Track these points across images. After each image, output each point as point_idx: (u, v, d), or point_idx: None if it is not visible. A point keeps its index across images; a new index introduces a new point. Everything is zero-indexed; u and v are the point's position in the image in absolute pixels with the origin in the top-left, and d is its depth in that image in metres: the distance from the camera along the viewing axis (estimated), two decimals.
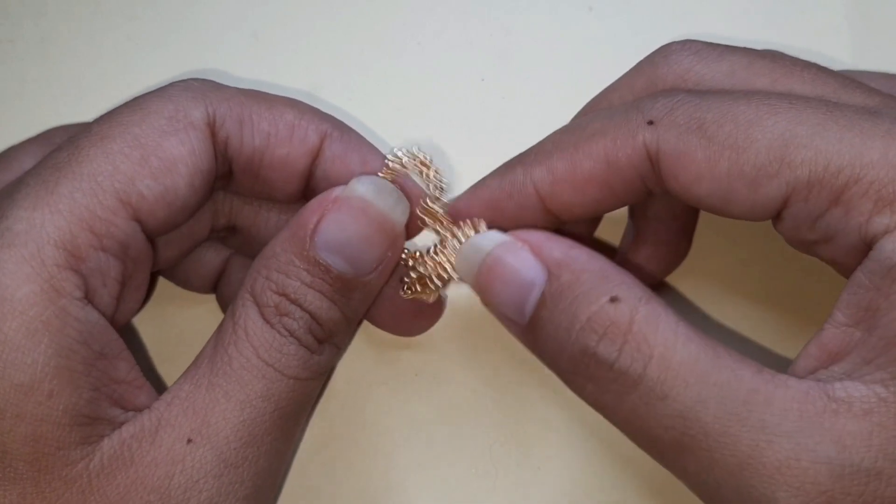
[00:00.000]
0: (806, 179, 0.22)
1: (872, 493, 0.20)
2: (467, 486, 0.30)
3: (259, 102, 0.26)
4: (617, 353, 0.22)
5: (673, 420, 0.22)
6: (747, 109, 0.23)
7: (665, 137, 0.24)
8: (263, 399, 0.24)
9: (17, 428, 0.21)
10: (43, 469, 0.22)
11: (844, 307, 0.22)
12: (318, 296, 0.25)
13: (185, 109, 0.25)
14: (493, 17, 0.35)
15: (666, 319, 0.22)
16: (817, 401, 0.21)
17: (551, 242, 0.25)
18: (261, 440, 0.24)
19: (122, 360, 0.24)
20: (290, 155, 0.26)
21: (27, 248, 0.22)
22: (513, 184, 0.26)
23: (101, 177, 0.23)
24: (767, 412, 0.21)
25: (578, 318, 0.23)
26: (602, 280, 0.23)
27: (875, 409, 0.21)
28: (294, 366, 0.25)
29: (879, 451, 0.20)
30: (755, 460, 0.21)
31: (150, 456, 0.23)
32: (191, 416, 0.23)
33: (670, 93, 0.25)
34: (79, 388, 0.22)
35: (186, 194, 0.25)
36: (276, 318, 0.25)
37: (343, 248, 0.25)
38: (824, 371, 0.22)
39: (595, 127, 0.25)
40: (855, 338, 0.22)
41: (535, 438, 0.31)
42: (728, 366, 0.22)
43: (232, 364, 0.24)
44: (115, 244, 0.23)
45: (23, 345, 0.21)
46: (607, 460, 0.30)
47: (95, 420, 0.23)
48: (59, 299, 0.22)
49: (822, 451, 0.21)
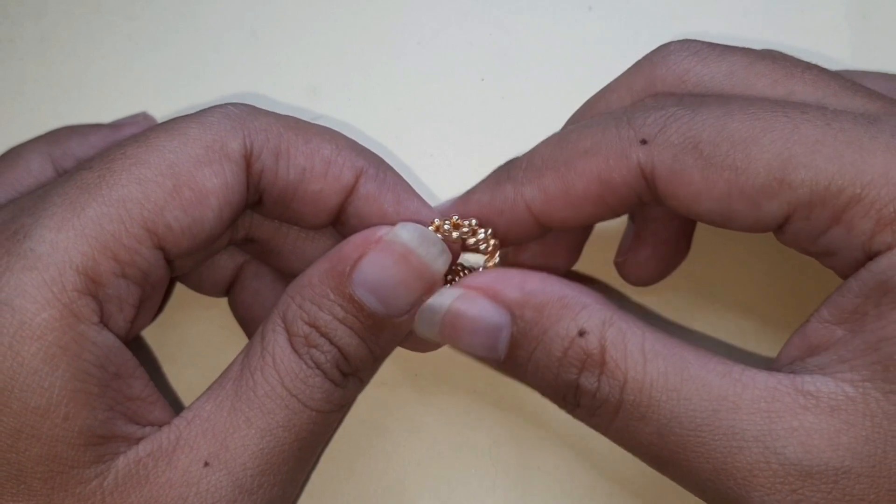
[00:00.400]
0: (807, 200, 0.22)
1: (842, 490, 0.21)
2: (467, 486, 0.30)
3: (297, 134, 0.26)
4: (597, 383, 0.23)
5: (652, 437, 0.23)
6: (742, 126, 0.23)
7: (660, 158, 0.24)
8: (284, 429, 0.24)
9: (32, 448, 0.22)
10: (57, 487, 0.22)
11: (832, 306, 0.23)
12: (349, 332, 0.25)
13: (223, 140, 0.24)
14: (493, 17, 0.35)
15: (632, 338, 0.23)
16: (785, 396, 0.22)
17: (504, 283, 0.25)
18: (278, 469, 0.24)
19: (137, 379, 0.24)
20: (324, 191, 0.26)
21: (48, 271, 0.22)
22: (504, 201, 0.26)
23: (130, 203, 0.23)
24: (735, 418, 0.22)
25: (554, 355, 0.24)
26: (563, 311, 0.24)
27: (842, 407, 0.21)
28: (317, 398, 0.25)
29: (847, 449, 0.21)
30: (729, 465, 0.22)
31: (166, 476, 0.23)
32: (210, 439, 0.23)
33: (662, 104, 0.25)
34: (94, 410, 0.22)
35: (213, 226, 0.24)
36: (304, 349, 0.25)
37: (380, 288, 0.25)
38: (800, 363, 0.23)
39: (586, 145, 0.25)
40: (836, 336, 0.22)
41: (535, 438, 0.31)
42: (696, 375, 0.22)
43: (257, 390, 0.24)
44: (138, 272, 0.23)
45: (40, 369, 0.21)
46: (607, 460, 0.30)
47: (110, 439, 0.23)
48: (77, 325, 0.22)
49: (789, 453, 0.21)
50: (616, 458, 0.30)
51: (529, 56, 0.34)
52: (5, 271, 0.22)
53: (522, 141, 0.27)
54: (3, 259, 0.22)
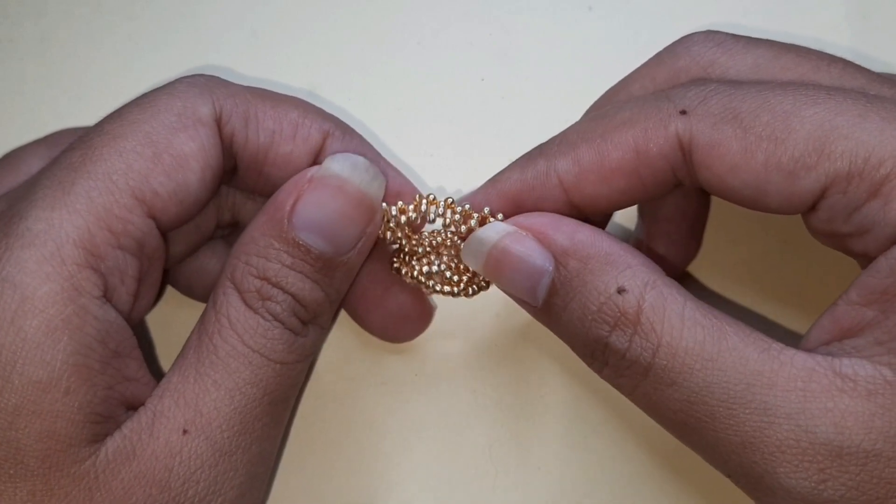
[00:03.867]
0: (846, 171, 0.22)
1: (870, 473, 0.21)
2: (467, 486, 0.30)
3: (264, 100, 0.26)
4: (628, 343, 0.23)
5: (681, 404, 0.23)
6: (784, 99, 0.23)
7: (699, 127, 0.23)
8: (252, 385, 0.24)
9: (32, 424, 0.22)
10: (53, 466, 0.22)
11: (860, 287, 0.23)
12: (300, 277, 0.25)
13: (193, 106, 0.25)
14: (493, 17, 0.35)
15: (672, 304, 0.23)
16: (822, 378, 0.22)
17: (555, 228, 0.25)
18: (252, 427, 0.24)
19: (133, 359, 0.24)
20: (294, 153, 0.26)
21: (46, 247, 0.22)
22: (535, 176, 0.25)
23: (115, 175, 0.23)
24: (770, 394, 0.22)
25: (589, 308, 0.24)
26: (608, 266, 0.24)
27: (879, 391, 0.21)
28: (280, 350, 0.25)
29: (880, 433, 0.21)
30: (757, 440, 0.22)
31: (150, 449, 0.23)
32: (183, 407, 0.24)
33: (702, 81, 0.25)
34: (94, 386, 0.22)
35: (198, 189, 0.25)
36: (258, 303, 0.25)
37: (322, 227, 0.25)
38: (837, 344, 0.23)
39: (623, 116, 0.24)
40: (868, 317, 0.22)
41: (535, 438, 0.31)
42: (734, 347, 0.22)
43: (218, 353, 0.24)
44: (133, 242, 0.24)
45: (42, 342, 0.22)
46: (607, 460, 0.30)
47: (107, 418, 0.23)
48: (78, 298, 0.22)
49: (821, 433, 0.21)
50: (616, 457, 0.30)
51: (529, 56, 0.34)
52: (5, 251, 0.22)
53: (522, 141, 0.27)
54: (2, 241, 0.22)
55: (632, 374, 0.23)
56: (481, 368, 0.31)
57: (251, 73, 0.34)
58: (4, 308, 0.22)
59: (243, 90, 0.26)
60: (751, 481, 0.23)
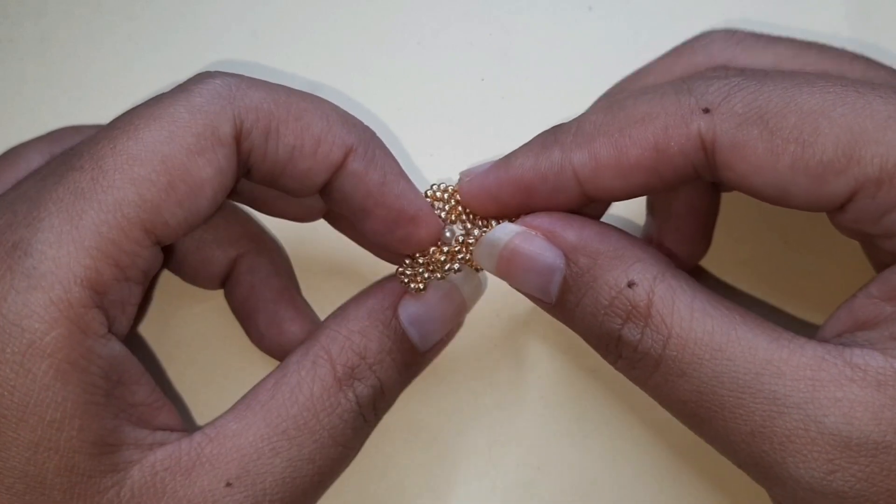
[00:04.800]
0: (876, 176, 0.22)
1: (879, 464, 0.21)
2: (467, 486, 0.30)
3: (289, 110, 0.25)
4: (640, 335, 0.23)
5: (691, 394, 0.23)
6: (811, 98, 0.22)
7: (723, 128, 0.23)
8: (309, 462, 0.24)
9: (51, 460, 0.22)
10: (76, 496, 0.22)
11: (881, 282, 0.23)
12: (393, 365, 0.26)
13: (214, 124, 0.23)
14: (493, 17, 0.35)
15: (681, 295, 0.23)
16: (832, 367, 0.21)
17: (564, 226, 0.25)
18: (295, 499, 0.24)
19: (141, 385, 0.24)
20: (312, 169, 0.25)
21: (54, 291, 0.22)
22: (550, 167, 0.25)
23: (126, 208, 0.22)
24: (779, 383, 0.22)
25: (601, 303, 0.24)
26: (617, 261, 0.24)
27: (890, 383, 0.21)
28: (348, 434, 0.25)
29: (890, 425, 0.21)
30: (767, 429, 0.22)
31: (184, 492, 0.23)
32: (234, 461, 0.23)
33: (724, 74, 0.24)
34: (102, 419, 0.22)
35: (208, 212, 0.24)
36: (348, 381, 0.25)
37: (424, 322, 0.26)
38: (850, 336, 0.23)
39: (643, 110, 0.24)
40: (886, 312, 0.22)
41: (535, 438, 0.31)
42: (743, 337, 0.22)
43: (288, 421, 0.24)
44: (139, 273, 0.23)
45: (52, 385, 0.21)
46: (607, 460, 0.30)
47: (120, 446, 0.23)
48: (85, 340, 0.22)
49: (830, 422, 0.21)
50: (616, 458, 0.30)
51: (529, 56, 0.34)
52: (10, 290, 0.22)
53: (522, 141, 0.27)
54: (7, 277, 0.22)
55: (644, 366, 0.24)
56: (481, 368, 0.31)
57: (251, 74, 0.34)
58: (14, 351, 0.21)
59: (266, 98, 0.24)
60: (761, 471, 0.22)
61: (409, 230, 0.26)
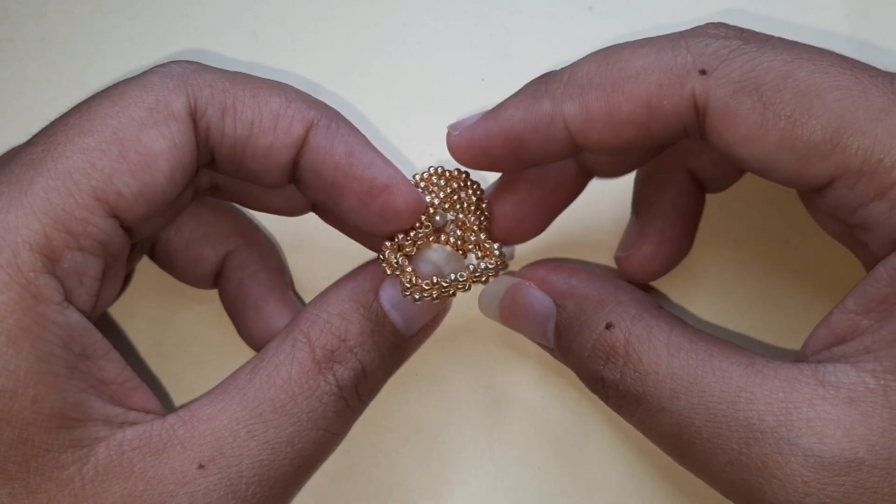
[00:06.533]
0: (857, 168, 0.21)
1: (853, 483, 0.21)
2: (467, 486, 0.30)
3: (244, 88, 0.24)
4: (619, 375, 0.24)
5: (672, 428, 0.23)
6: (809, 77, 0.22)
7: (717, 93, 0.22)
8: (288, 445, 0.24)
9: (4, 432, 0.21)
10: (33, 470, 0.22)
11: (858, 296, 0.22)
12: (375, 348, 0.25)
13: (166, 99, 0.23)
14: (493, 17, 0.35)
15: (658, 333, 0.24)
16: (804, 387, 0.22)
17: (554, 275, 0.27)
18: (274, 483, 0.24)
19: (110, 361, 0.23)
20: (274, 146, 0.24)
21: (2, 254, 0.21)
22: (540, 118, 0.24)
23: (77, 175, 0.22)
24: (753, 409, 0.22)
25: (585, 346, 0.25)
26: (599, 306, 0.25)
27: (861, 399, 0.21)
28: (329, 418, 0.25)
29: (862, 441, 0.21)
30: (744, 456, 0.22)
31: (154, 472, 0.22)
32: (207, 443, 0.23)
33: (725, 34, 0.23)
34: (63, 392, 0.22)
35: (166, 189, 0.24)
36: (328, 364, 0.25)
37: (405, 305, 0.26)
38: (826, 352, 0.23)
39: (638, 64, 0.23)
40: (862, 326, 0.22)
41: (534, 438, 0.31)
42: (718, 367, 0.23)
43: (266, 404, 0.24)
44: (94, 243, 0.23)
45: (4, 352, 0.21)
46: (607, 460, 0.30)
47: (85, 422, 0.22)
48: (37, 305, 0.21)
49: (803, 443, 0.21)
50: (616, 458, 0.30)
51: (529, 56, 0.34)
52: None
53: None
54: None
55: (627, 404, 0.24)
56: (481, 368, 0.31)
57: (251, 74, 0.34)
58: None
59: (222, 77, 0.24)
60: (744, 500, 0.22)
61: (383, 200, 0.25)
